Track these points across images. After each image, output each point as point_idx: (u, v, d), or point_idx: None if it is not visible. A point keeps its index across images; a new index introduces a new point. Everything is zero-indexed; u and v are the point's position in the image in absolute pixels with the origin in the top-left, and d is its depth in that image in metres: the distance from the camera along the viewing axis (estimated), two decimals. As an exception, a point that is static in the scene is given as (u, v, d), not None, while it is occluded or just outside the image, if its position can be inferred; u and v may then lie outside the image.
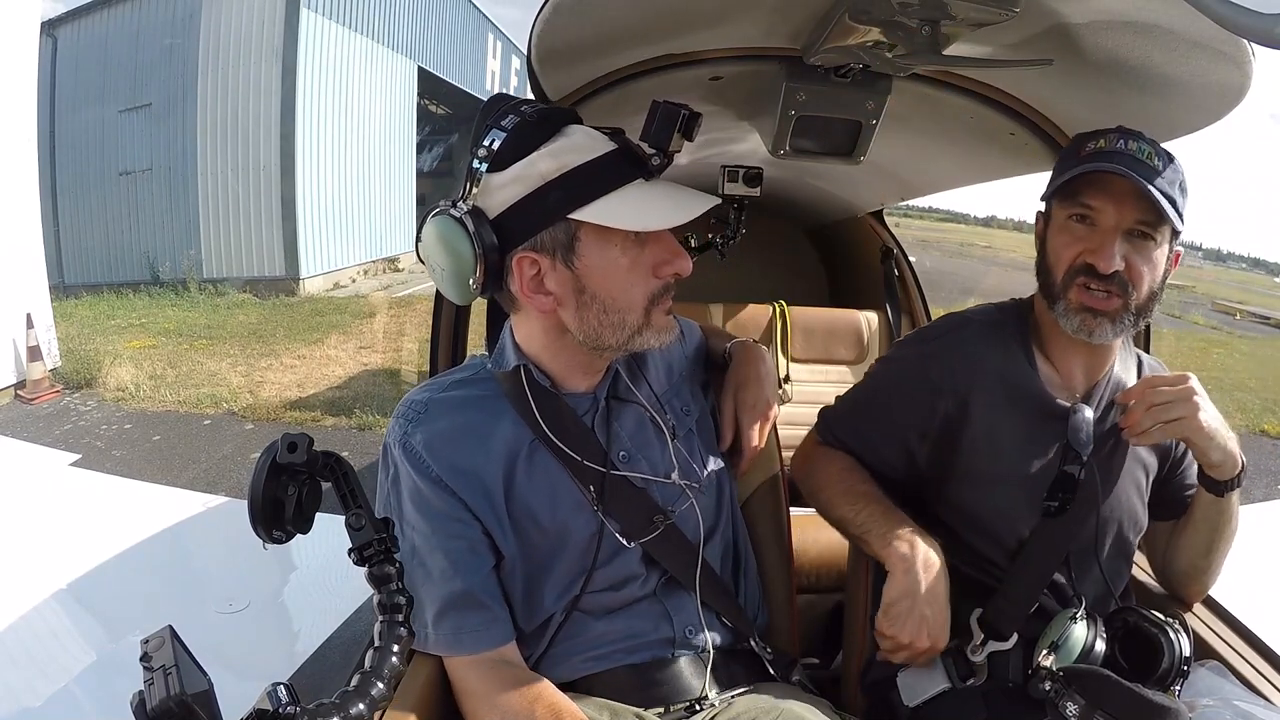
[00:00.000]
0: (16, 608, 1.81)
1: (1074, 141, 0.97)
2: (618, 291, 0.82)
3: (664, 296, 0.85)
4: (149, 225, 10.18)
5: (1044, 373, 1.00)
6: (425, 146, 15.58)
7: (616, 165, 0.80)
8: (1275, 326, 13.77)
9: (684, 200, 0.82)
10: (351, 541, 0.65)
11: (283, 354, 6.93)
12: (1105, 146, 0.90)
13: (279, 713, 0.54)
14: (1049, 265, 0.96)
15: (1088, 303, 0.91)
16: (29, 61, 6.23)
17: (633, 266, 0.82)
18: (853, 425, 1.09)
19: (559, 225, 0.79)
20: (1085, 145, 0.92)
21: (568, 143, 0.80)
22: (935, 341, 1.05)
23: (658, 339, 0.86)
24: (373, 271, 11.64)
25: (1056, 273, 0.94)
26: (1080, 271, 0.91)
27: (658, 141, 0.80)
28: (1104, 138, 0.91)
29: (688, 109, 0.80)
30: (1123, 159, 0.88)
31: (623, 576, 0.90)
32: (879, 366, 1.12)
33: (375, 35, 11.26)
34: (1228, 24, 0.49)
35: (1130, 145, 0.89)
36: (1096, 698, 0.78)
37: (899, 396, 1.04)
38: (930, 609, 0.89)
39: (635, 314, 0.83)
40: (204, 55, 9.83)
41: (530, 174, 0.79)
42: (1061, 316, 0.94)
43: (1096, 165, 0.89)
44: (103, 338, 7.17)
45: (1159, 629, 0.86)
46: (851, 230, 2.75)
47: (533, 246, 0.80)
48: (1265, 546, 2.26)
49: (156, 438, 4.95)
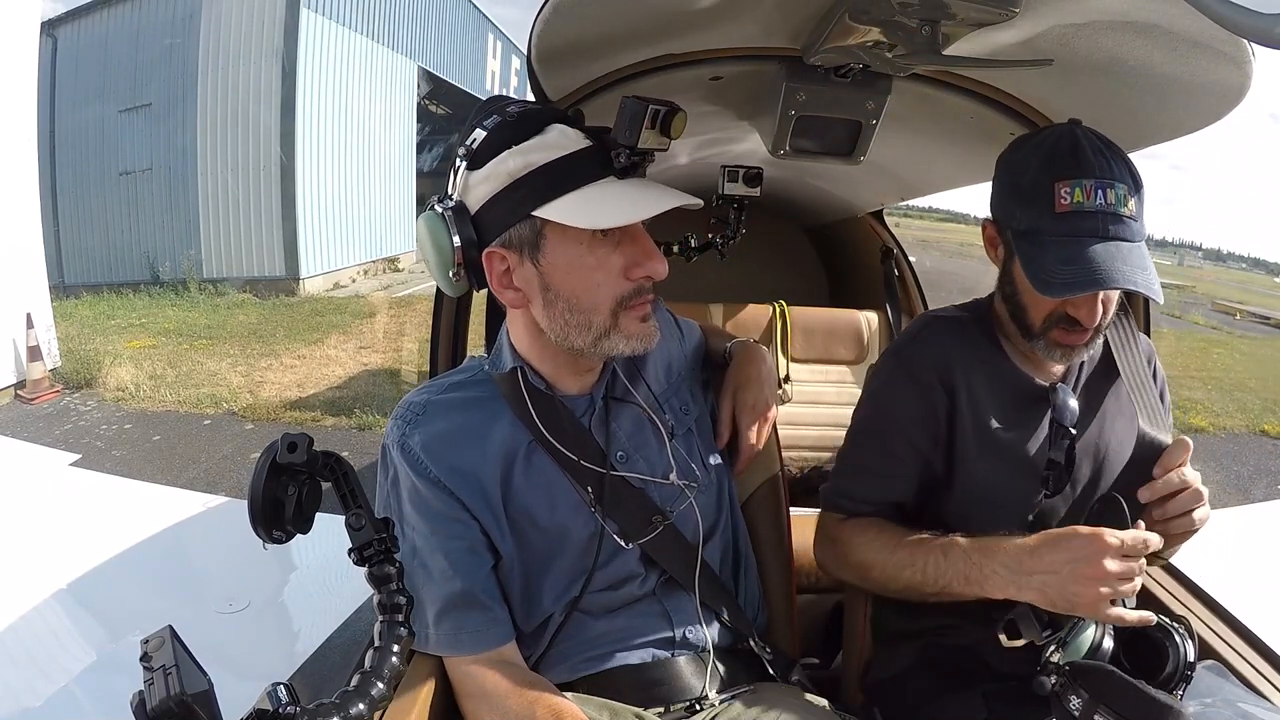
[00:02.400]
0: (16, 608, 1.81)
1: (1037, 167, 0.88)
2: (582, 291, 0.81)
3: (636, 300, 0.83)
4: (149, 225, 10.18)
5: (1015, 359, 1.01)
6: (425, 146, 15.56)
7: (584, 163, 0.79)
8: (1275, 326, 13.77)
9: (645, 197, 0.79)
10: (351, 541, 0.65)
11: (283, 354, 6.93)
12: (1084, 203, 0.84)
13: (279, 713, 0.53)
14: (1022, 305, 0.94)
15: (1066, 341, 0.93)
16: (29, 61, 6.23)
17: (600, 266, 0.81)
18: (870, 476, 1.02)
19: (525, 222, 0.79)
20: (1058, 191, 0.85)
21: (539, 141, 0.79)
22: (909, 346, 1.04)
23: (628, 345, 0.84)
24: (373, 271, 11.64)
25: (1034, 317, 0.93)
26: (1061, 320, 0.91)
27: (626, 138, 0.79)
28: (1080, 185, 0.85)
29: (665, 104, 0.78)
30: (1107, 222, 0.84)
31: (622, 577, 0.90)
32: (867, 402, 1.07)
33: (375, 35, 11.25)
34: (1228, 24, 0.48)
35: (1110, 197, 0.84)
36: (1100, 693, 0.78)
37: (903, 412, 1.00)
38: (1071, 563, 0.79)
39: (601, 315, 0.82)
40: (204, 55, 9.84)
41: (500, 171, 0.79)
42: (1041, 350, 0.95)
43: (1089, 270, 0.83)
44: (103, 338, 7.17)
45: (1165, 633, 0.86)
46: (851, 230, 2.75)
47: (503, 243, 0.81)
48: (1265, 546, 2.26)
49: (156, 438, 4.96)
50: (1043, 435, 0.98)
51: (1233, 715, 0.85)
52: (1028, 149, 0.92)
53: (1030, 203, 0.88)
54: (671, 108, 0.79)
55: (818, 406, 2.38)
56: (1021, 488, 0.97)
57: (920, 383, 0.99)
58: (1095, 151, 0.87)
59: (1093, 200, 0.85)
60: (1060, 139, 0.89)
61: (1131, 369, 1.03)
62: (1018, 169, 0.91)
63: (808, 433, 2.36)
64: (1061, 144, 0.88)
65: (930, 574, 0.90)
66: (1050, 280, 0.85)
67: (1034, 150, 0.90)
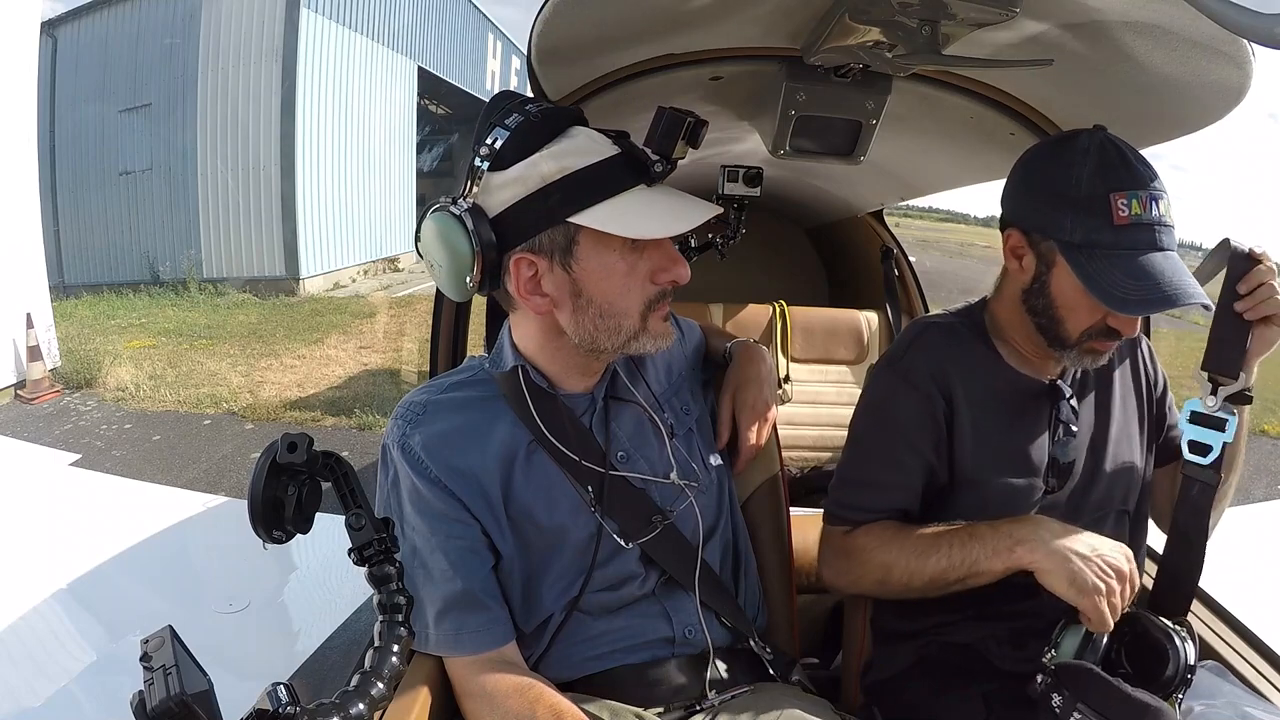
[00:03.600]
0: (16, 608, 1.81)
1: (1090, 178, 0.86)
2: (614, 296, 0.82)
3: (661, 302, 0.85)
4: (149, 225, 10.18)
5: (1011, 361, 1.01)
6: (425, 146, 15.58)
7: (618, 170, 0.80)
8: (1275, 326, 13.73)
9: (684, 209, 0.81)
10: (351, 541, 0.65)
11: (283, 354, 6.93)
12: (1142, 215, 0.84)
13: (279, 713, 0.53)
14: (1059, 317, 0.92)
15: (1101, 349, 0.93)
16: (29, 61, 6.23)
17: (630, 272, 0.82)
18: (875, 488, 1.01)
19: (558, 228, 0.79)
20: (1115, 203, 0.84)
21: (570, 145, 0.79)
22: (904, 356, 1.03)
23: (654, 344, 0.86)
24: (373, 271, 11.64)
25: (1071, 329, 0.92)
26: (1101, 333, 0.91)
27: (662, 148, 0.81)
28: (1136, 198, 0.84)
29: (694, 116, 0.80)
30: (1165, 235, 0.85)
31: (621, 576, 0.90)
32: (865, 415, 1.05)
33: (375, 35, 11.25)
34: (1228, 24, 0.48)
35: (1162, 208, 0.84)
36: (1080, 692, 0.79)
37: (905, 421, 0.99)
38: (1087, 547, 0.84)
39: (631, 319, 0.83)
40: (204, 55, 9.83)
41: (531, 175, 0.78)
42: (1068, 358, 0.95)
43: (1160, 286, 0.82)
44: (103, 338, 7.17)
45: (1167, 636, 0.86)
46: (851, 230, 2.76)
47: (531, 248, 0.80)
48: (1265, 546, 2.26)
49: (156, 438, 4.95)
50: (1043, 434, 0.98)
51: (1233, 715, 0.85)
52: (1070, 156, 0.88)
53: (1086, 214, 0.86)
54: (699, 119, 0.80)
55: (818, 406, 2.38)
56: (1023, 487, 0.97)
57: (919, 390, 0.99)
58: (1140, 162, 0.86)
59: (1149, 213, 0.84)
60: (1104, 148, 0.87)
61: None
62: (1063, 178, 0.88)
63: (808, 433, 2.36)
64: (1108, 154, 0.86)
65: (958, 556, 0.90)
66: (1126, 298, 0.83)
67: (1079, 158, 0.87)
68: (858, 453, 1.05)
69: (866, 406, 1.06)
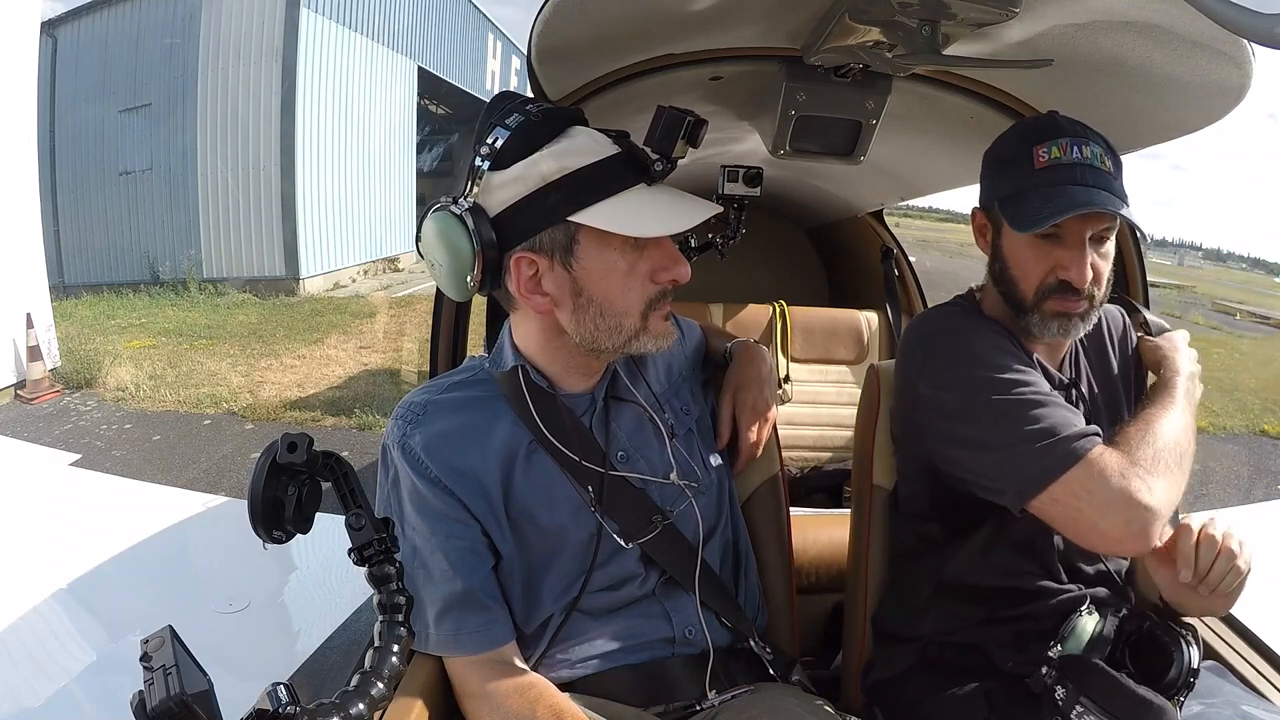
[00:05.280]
0: (16, 608, 1.81)
1: (1016, 140, 0.93)
2: (615, 295, 0.82)
3: (661, 302, 0.85)
4: (149, 225, 10.17)
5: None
6: (425, 146, 15.57)
7: (619, 169, 0.80)
8: (1275, 326, 13.76)
9: (684, 208, 0.82)
10: (351, 541, 0.65)
11: (283, 354, 6.93)
12: (1061, 157, 0.88)
13: (279, 713, 0.53)
14: (1013, 278, 0.95)
15: (1062, 309, 0.93)
16: (29, 61, 6.23)
17: (630, 271, 0.82)
18: (1065, 416, 0.85)
19: (558, 227, 0.79)
20: (1036, 153, 0.89)
21: (571, 144, 0.80)
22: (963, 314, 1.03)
23: (655, 344, 0.86)
24: (373, 271, 11.63)
25: (1025, 288, 0.94)
26: (1054, 289, 0.92)
27: (662, 148, 0.81)
28: (1056, 144, 0.88)
29: (693, 115, 0.80)
30: (1084, 171, 0.87)
31: (621, 577, 0.90)
32: (987, 382, 0.89)
33: (375, 35, 11.24)
34: (1228, 24, 0.49)
35: (1085, 152, 0.87)
36: (1083, 685, 0.79)
37: (1010, 352, 0.94)
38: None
39: (632, 318, 0.83)
40: (204, 55, 9.82)
41: (532, 174, 0.78)
42: (1037, 326, 0.94)
43: (1069, 200, 0.85)
44: (103, 338, 7.16)
45: (1173, 639, 0.86)
46: (851, 230, 2.76)
47: (531, 247, 0.80)
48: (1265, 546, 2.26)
49: (156, 438, 4.95)
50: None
51: (1233, 715, 0.85)
52: (1009, 131, 0.98)
53: (1010, 167, 0.92)
54: (698, 118, 0.80)
55: (818, 406, 2.38)
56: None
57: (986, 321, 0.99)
58: (1070, 123, 0.91)
59: (1069, 155, 0.88)
60: (1038, 118, 0.95)
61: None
62: (996, 147, 0.97)
63: (808, 433, 2.36)
64: (1039, 120, 0.94)
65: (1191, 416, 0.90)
66: (1035, 218, 0.87)
67: (1011, 131, 0.97)
68: (1013, 413, 0.85)
69: (979, 378, 0.89)
